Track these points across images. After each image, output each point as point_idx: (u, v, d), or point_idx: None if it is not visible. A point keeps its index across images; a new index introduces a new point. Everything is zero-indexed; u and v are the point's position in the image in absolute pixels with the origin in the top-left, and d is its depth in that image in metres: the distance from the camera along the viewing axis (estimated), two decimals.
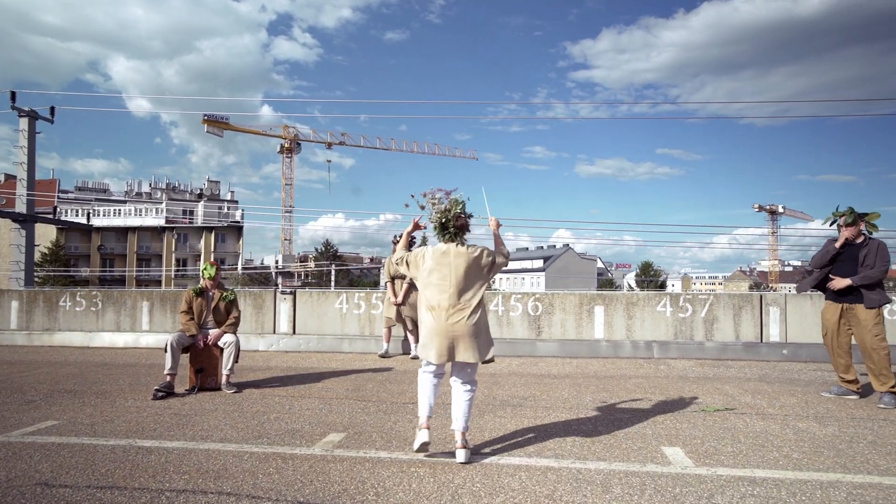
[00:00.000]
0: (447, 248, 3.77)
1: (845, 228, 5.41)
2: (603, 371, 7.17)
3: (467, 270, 3.70)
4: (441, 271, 3.71)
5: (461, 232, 3.80)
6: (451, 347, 3.64)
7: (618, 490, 3.09)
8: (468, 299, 3.67)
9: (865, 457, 3.68)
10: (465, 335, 3.62)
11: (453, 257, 3.72)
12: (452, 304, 3.65)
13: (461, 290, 3.67)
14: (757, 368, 7.45)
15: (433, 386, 3.74)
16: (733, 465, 3.51)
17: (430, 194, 3.88)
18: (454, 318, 3.63)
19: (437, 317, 3.67)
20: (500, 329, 8.96)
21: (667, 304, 8.73)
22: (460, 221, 3.78)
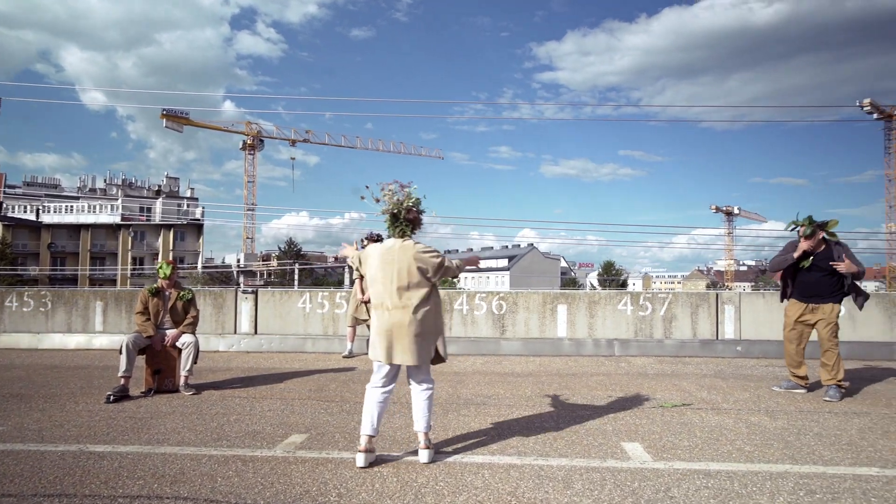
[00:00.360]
0: (393, 244, 3.64)
1: (804, 240, 5.54)
2: (565, 369, 7.28)
3: (412, 268, 3.55)
4: (385, 269, 3.59)
5: (412, 226, 3.69)
6: (391, 348, 3.52)
7: (579, 485, 3.14)
8: (411, 298, 3.53)
9: (811, 448, 3.84)
10: (405, 336, 3.50)
11: (398, 254, 3.58)
12: (395, 303, 3.54)
13: (404, 288, 3.54)
14: (713, 365, 7.69)
15: (378, 403, 3.57)
16: (689, 458, 3.61)
17: (386, 186, 3.78)
18: (395, 318, 3.53)
19: (380, 316, 3.58)
20: (464, 328, 9.00)
21: (627, 303, 8.91)
22: (411, 215, 3.66)
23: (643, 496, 2.99)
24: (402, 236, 3.67)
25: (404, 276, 3.55)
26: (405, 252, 3.59)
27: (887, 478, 3.28)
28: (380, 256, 3.65)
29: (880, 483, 3.19)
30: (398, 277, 3.55)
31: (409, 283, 3.54)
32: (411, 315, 3.52)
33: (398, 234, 3.68)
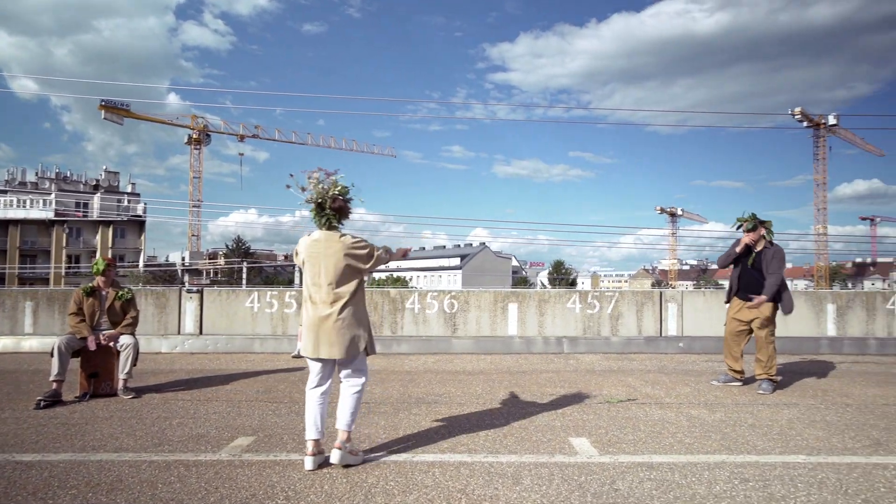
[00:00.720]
0: (320, 236, 3.54)
1: (746, 234, 5.90)
2: (516, 367, 7.38)
3: (340, 261, 3.45)
4: (313, 261, 3.49)
5: (338, 216, 3.56)
6: (318, 342, 3.43)
7: (528, 481, 3.19)
8: (339, 292, 3.44)
9: (746, 439, 4.03)
10: (332, 330, 3.41)
11: (324, 247, 3.48)
12: (322, 297, 3.45)
13: (332, 281, 3.44)
14: (656, 361, 7.96)
15: (319, 405, 3.50)
16: (633, 452, 3.72)
17: (311, 174, 3.66)
18: (323, 312, 3.43)
19: (308, 309, 3.50)
20: (416, 327, 8.99)
21: (576, 302, 9.12)
22: (337, 203, 3.52)
23: (589, 490, 3.07)
24: (329, 227, 3.55)
25: (331, 270, 3.45)
26: (333, 244, 3.49)
27: (812, 464, 3.48)
28: (307, 249, 3.54)
29: (806, 469, 3.38)
30: (325, 271, 3.46)
31: (336, 277, 3.45)
32: (339, 308, 3.43)
33: (324, 225, 3.55)
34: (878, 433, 4.19)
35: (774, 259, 5.81)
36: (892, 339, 9.03)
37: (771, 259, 5.81)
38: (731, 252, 6.04)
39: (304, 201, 3.63)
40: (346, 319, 3.44)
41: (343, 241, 3.50)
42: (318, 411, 3.49)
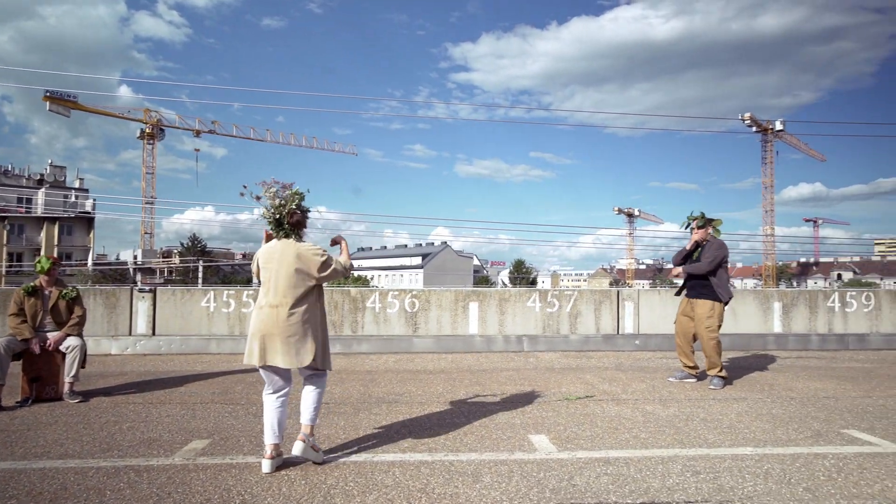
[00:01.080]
0: (276, 245, 3.51)
1: (696, 231, 6.13)
2: (477, 365, 7.42)
3: (291, 267, 3.41)
4: (268, 269, 3.45)
5: (296, 229, 3.53)
6: (264, 349, 3.35)
7: (487, 479, 3.21)
8: (287, 297, 3.38)
9: (698, 433, 4.16)
10: (277, 337, 3.33)
11: (280, 254, 3.45)
12: (270, 301, 3.39)
13: (284, 288, 3.39)
14: (614, 358, 8.13)
15: (276, 409, 3.43)
16: (591, 447, 3.80)
17: (268, 185, 3.60)
18: (271, 317, 3.36)
19: (256, 314, 3.43)
20: (377, 326, 8.93)
21: (536, 300, 9.23)
22: (294, 218, 3.49)
23: (548, 485, 3.11)
24: (288, 237, 3.53)
25: (283, 275, 3.41)
26: (287, 250, 3.46)
27: (759, 456, 3.62)
28: (264, 255, 3.52)
29: (753, 461, 3.52)
30: (276, 276, 3.42)
31: (287, 282, 3.40)
32: (286, 315, 3.36)
33: (282, 237, 3.54)
34: (819, 424, 4.39)
35: (710, 249, 6.03)
36: (832, 335, 9.48)
37: (708, 249, 6.05)
38: (682, 250, 6.26)
39: (261, 216, 3.60)
40: (295, 327, 3.37)
41: (298, 249, 3.46)
42: (277, 415, 3.43)
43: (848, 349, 9.23)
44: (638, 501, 2.90)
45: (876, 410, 4.88)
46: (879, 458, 3.60)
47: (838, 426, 4.35)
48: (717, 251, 6.00)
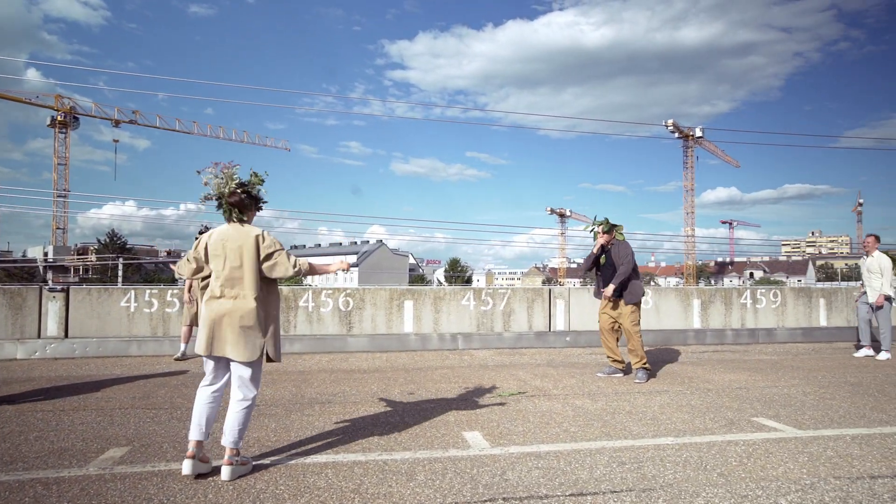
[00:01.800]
0: (228, 229, 3.37)
1: (601, 235, 6.41)
2: (412, 364, 7.42)
3: (245, 255, 3.28)
4: (217, 257, 3.32)
5: (237, 210, 3.37)
6: (213, 339, 3.24)
7: (421, 477, 3.22)
8: (242, 287, 3.27)
9: (624, 425, 4.34)
10: (229, 328, 3.22)
11: (232, 239, 3.31)
12: (223, 291, 3.27)
13: (235, 276, 3.27)
14: (546, 355, 8.35)
15: (207, 404, 3.29)
16: (523, 443, 3.88)
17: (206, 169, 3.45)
18: (223, 308, 3.25)
19: (208, 304, 3.30)
20: (309, 325, 8.75)
21: (470, 299, 9.33)
22: (234, 199, 3.34)
23: (481, 481, 3.16)
24: (238, 221, 3.38)
25: (237, 263, 3.28)
26: (240, 237, 3.32)
27: (679, 445, 3.82)
28: (212, 245, 3.34)
29: (674, 450, 3.71)
30: (229, 264, 3.29)
31: (241, 272, 3.28)
32: (240, 305, 3.25)
33: (227, 219, 3.40)
34: (732, 414, 4.69)
35: (621, 252, 6.35)
36: (744, 329, 10.15)
37: (619, 254, 6.35)
38: (590, 256, 6.58)
39: (202, 197, 3.45)
40: (248, 318, 3.25)
41: (250, 236, 3.31)
42: (206, 411, 3.28)
43: (758, 343, 9.91)
44: (567, 493, 2.99)
45: (781, 399, 5.27)
46: (783, 442, 3.88)
47: (749, 415, 4.66)
48: (627, 249, 6.34)
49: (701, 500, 2.91)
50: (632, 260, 6.30)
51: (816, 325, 10.50)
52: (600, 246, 6.41)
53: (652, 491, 3.02)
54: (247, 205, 3.40)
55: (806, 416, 4.61)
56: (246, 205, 3.40)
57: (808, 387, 5.89)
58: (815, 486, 3.09)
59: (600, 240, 6.42)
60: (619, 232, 6.51)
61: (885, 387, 5.92)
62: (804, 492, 3.01)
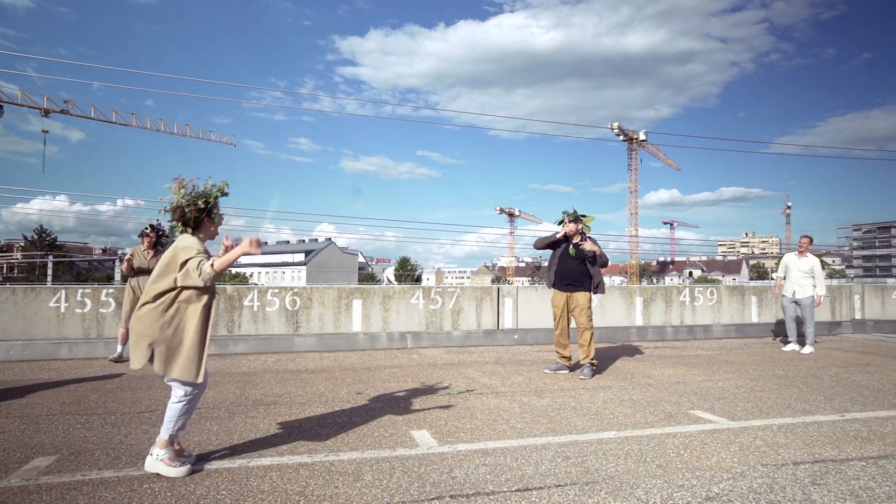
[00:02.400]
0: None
1: (568, 223, 6.53)
2: (360, 363, 7.35)
3: (163, 263, 3.23)
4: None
5: (185, 226, 3.31)
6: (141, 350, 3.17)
7: (369, 477, 3.19)
8: (151, 294, 3.18)
9: (569, 420, 4.44)
10: (134, 334, 3.19)
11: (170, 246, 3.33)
12: (143, 297, 3.22)
13: (152, 283, 3.22)
14: (494, 352, 8.44)
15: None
16: (471, 440, 3.91)
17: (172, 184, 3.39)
18: (137, 313, 3.20)
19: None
20: (255, 325, 8.54)
21: (420, 297, 9.33)
22: (177, 214, 3.31)
23: (429, 480, 3.16)
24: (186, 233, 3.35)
25: (157, 270, 3.23)
26: (173, 244, 3.29)
27: (621, 438, 3.94)
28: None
29: (616, 443, 3.83)
30: (153, 276, 3.25)
31: (156, 278, 3.21)
32: (144, 312, 3.17)
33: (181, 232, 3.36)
34: (671, 407, 4.87)
35: (591, 242, 6.49)
36: (683, 326, 10.57)
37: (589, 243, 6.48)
38: (550, 237, 6.66)
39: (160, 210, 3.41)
40: (148, 327, 3.15)
41: (176, 243, 3.26)
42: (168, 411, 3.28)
43: (696, 339, 10.35)
44: (513, 489, 3.03)
45: (716, 392, 5.51)
46: (717, 433, 4.07)
47: (686, 408, 4.86)
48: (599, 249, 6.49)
49: (640, 491, 3.01)
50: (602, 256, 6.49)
51: (749, 322, 11.05)
52: (564, 234, 6.52)
53: (595, 484, 3.10)
54: (192, 221, 3.31)
55: (738, 408, 4.84)
56: (191, 221, 3.31)
57: (741, 380, 6.19)
58: (745, 473, 3.25)
59: (566, 228, 6.52)
60: (586, 224, 6.63)
61: (809, 379, 6.29)
62: (735, 479, 3.16)
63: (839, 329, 11.45)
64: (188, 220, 3.32)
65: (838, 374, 6.60)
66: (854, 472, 3.28)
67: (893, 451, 3.67)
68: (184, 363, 3.18)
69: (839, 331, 11.42)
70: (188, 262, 3.15)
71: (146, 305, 3.19)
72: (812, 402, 5.13)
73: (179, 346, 3.19)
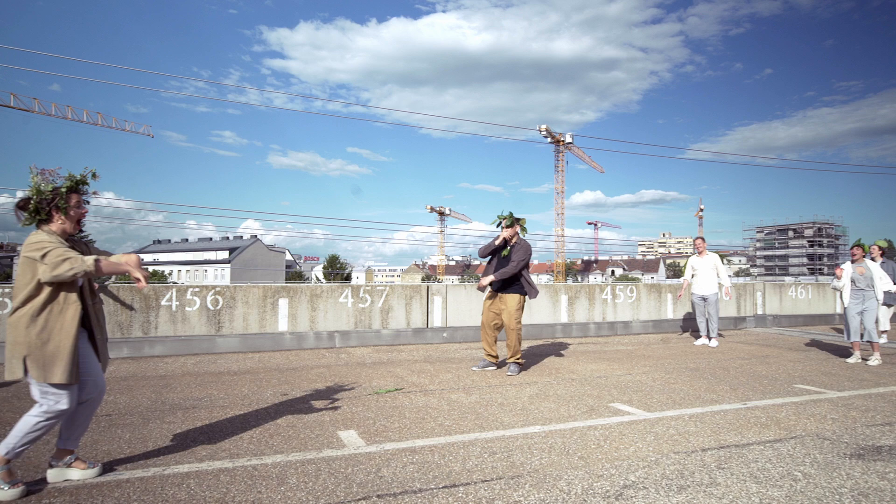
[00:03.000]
0: None
1: (505, 229, 6.64)
2: (286, 363, 7.16)
3: (20, 264, 2.99)
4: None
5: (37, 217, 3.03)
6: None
7: (293, 480, 3.11)
8: (15, 298, 2.97)
9: (496, 417, 4.53)
10: (6, 341, 2.95)
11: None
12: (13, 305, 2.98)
13: (14, 288, 3.00)
14: (423, 351, 8.46)
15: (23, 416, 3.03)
16: (399, 439, 3.90)
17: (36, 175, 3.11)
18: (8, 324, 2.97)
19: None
20: (173, 326, 8.12)
21: (348, 296, 9.20)
22: (22, 204, 3.04)
23: (355, 480, 3.12)
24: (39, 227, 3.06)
25: (17, 274, 3.01)
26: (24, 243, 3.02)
27: (546, 432, 4.06)
28: None
29: (541, 437, 3.94)
30: (17, 274, 3.02)
31: (18, 281, 2.97)
32: (9, 318, 2.94)
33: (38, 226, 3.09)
34: (593, 401, 5.07)
35: (518, 251, 6.64)
36: (605, 322, 11.03)
37: (516, 251, 6.64)
38: (490, 244, 6.76)
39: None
40: (13, 332, 2.90)
41: (28, 241, 2.96)
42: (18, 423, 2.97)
43: (617, 334, 10.82)
44: (441, 486, 3.05)
45: (634, 385, 5.79)
46: (635, 424, 4.28)
47: (607, 401, 5.07)
48: (524, 254, 6.61)
49: (563, 482, 3.11)
50: (524, 262, 6.56)
51: (665, 318, 11.68)
52: (503, 238, 6.62)
53: (520, 477, 3.18)
54: (34, 210, 3.02)
55: (654, 400, 5.11)
56: (34, 210, 3.02)
57: (657, 373, 6.53)
58: (659, 461, 3.44)
59: (504, 233, 6.62)
60: (522, 226, 6.76)
61: (717, 371, 6.74)
62: (650, 467, 3.34)
63: (744, 324, 12.33)
64: (35, 212, 3.03)
65: (742, 366, 7.11)
66: (754, 456, 3.54)
67: (787, 435, 4.00)
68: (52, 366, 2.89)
69: (744, 325, 12.30)
70: (47, 255, 2.86)
71: (17, 311, 2.91)
72: (719, 392, 5.50)
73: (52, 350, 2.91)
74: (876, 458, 3.54)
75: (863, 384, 5.98)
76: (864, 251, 7.78)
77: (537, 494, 2.95)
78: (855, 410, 4.78)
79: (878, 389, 5.71)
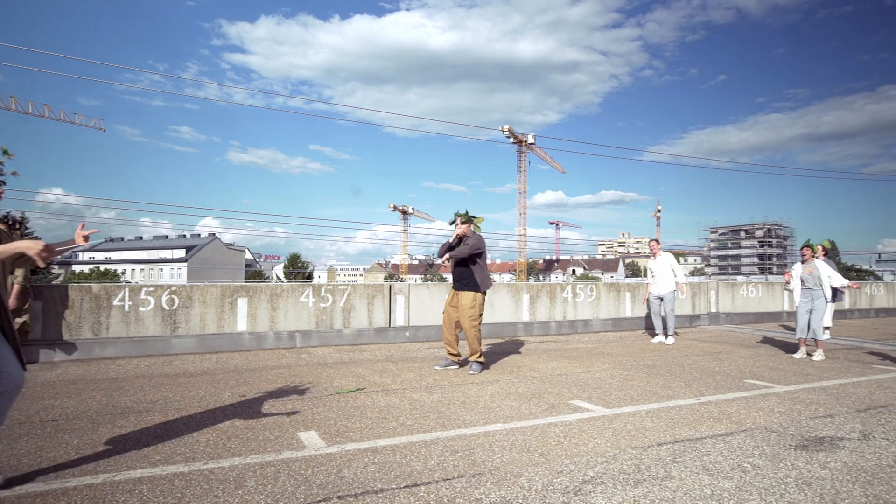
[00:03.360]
0: None
1: (460, 226, 6.68)
2: (245, 364, 7.02)
3: None
4: None
5: None
6: None
7: (252, 483, 3.05)
8: None
9: (458, 415, 4.54)
10: None
11: None
12: None
13: None
14: (385, 350, 8.42)
15: None
16: (360, 439, 3.87)
17: None
18: None
19: None
20: (126, 327, 7.85)
21: (309, 295, 9.08)
22: None
23: (316, 482, 3.08)
24: None
25: None
26: None
27: (507, 430, 4.10)
28: None
29: (502, 435, 3.97)
30: None
31: None
32: None
33: None
34: (553, 398, 5.15)
35: (470, 241, 6.69)
36: (566, 321, 11.20)
37: (469, 240, 6.69)
38: (447, 243, 6.79)
39: None
40: None
41: None
42: None
43: (577, 332, 11.01)
44: (402, 485, 3.04)
45: (594, 382, 5.91)
46: (594, 421, 4.36)
47: (567, 398, 5.15)
48: (477, 241, 6.66)
49: (524, 479, 3.15)
50: (477, 247, 6.59)
51: (624, 316, 11.94)
52: (457, 236, 6.65)
53: (481, 475, 3.20)
54: None
55: (612, 397, 5.22)
56: None
57: (615, 371, 6.68)
58: (617, 456, 3.52)
59: (458, 230, 6.66)
60: (476, 224, 6.79)
61: (672, 367, 6.93)
62: (608, 462, 3.41)
63: (698, 321, 12.72)
64: None
65: (696, 363, 7.33)
66: (706, 449, 3.66)
67: (738, 428, 4.15)
68: None
69: (698, 323, 12.69)
70: None
71: None
72: (674, 388, 5.65)
73: None
74: (818, 448, 3.71)
75: (808, 378, 6.26)
76: (814, 251, 8.12)
77: (498, 492, 2.97)
78: (800, 404, 4.99)
79: (822, 383, 5.98)
